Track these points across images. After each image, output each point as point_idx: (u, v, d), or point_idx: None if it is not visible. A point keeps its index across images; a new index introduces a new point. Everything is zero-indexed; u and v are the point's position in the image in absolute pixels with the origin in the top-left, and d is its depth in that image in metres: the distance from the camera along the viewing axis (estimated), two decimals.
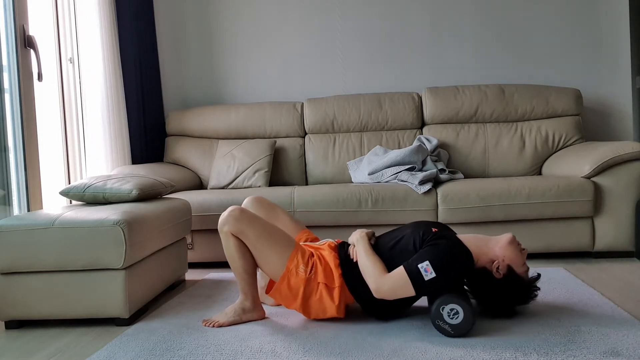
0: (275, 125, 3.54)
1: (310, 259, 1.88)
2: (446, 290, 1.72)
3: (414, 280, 1.69)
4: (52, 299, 1.96)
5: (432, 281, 1.68)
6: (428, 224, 1.88)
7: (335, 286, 1.84)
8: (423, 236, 1.79)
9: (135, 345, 1.75)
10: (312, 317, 1.91)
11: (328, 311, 1.85)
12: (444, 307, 1.69)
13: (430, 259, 1.69)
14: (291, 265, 1.85)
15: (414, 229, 1.85)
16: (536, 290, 1.83)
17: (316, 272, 1.85)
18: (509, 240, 1.80)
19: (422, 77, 3.73)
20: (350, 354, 1.61)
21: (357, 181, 3.22)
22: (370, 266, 1.78)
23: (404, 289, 1.72)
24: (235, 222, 1.86)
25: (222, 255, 2.91)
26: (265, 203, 2.18)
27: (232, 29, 3.83)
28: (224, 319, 1.91)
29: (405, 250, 1.79)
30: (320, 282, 1.84)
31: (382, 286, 1.73)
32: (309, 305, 1.86)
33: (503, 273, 1.76)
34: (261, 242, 1.86)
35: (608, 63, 3.63)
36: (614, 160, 2.73)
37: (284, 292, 1.86)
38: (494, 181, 2.88)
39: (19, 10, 2.53)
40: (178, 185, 3.13)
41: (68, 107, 3.07)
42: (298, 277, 1.84)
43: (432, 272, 1.67)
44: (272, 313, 2.04)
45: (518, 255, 1.79)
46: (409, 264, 1.72)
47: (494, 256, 1.78)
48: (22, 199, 2.58)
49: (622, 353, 1.54)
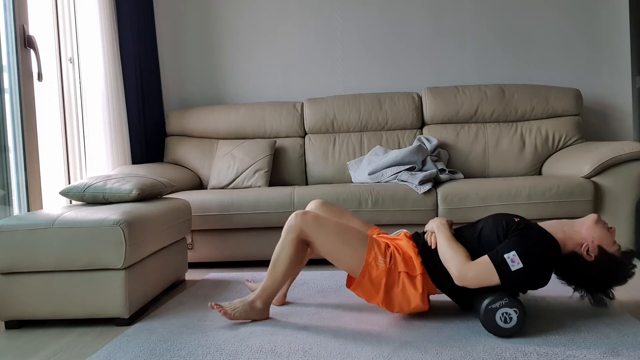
0: (275, 125, 3.54)
1: (387, 249, 1.85)
2: (534, 282, 1.69)
3: (500, 270, 1.65)
4: (52, 299, 1.96)
5: (519, 272, 1.64)
6: (509, 215, 1.84)
7: (417, 274, 1.80)
8: (507, 226, 1.75)
9: (135, 345, 1.75)
10: (396, 311, 1.85)
11: (412, 301, 1.80)
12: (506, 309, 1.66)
13: (517, 248, 1.65)
14: (370, 258, 1.81)
15: (496, 220, 1.81)
16: (633, 268, 1.73)
17: (396, 262, 1.81)
18: (595, 220, 1.75)
19: (422, 77, 3.73)
20: (350, 354, 1.61)
21: (357, 181, 3.22)
22: (452, 253, 1.74)
23: (489, 279, 1.67)
24: (308, 227, 1.82)
25: (222, 255, 2.94)
26: (332, 205, 2.14)
27: (232, 28, 3.83)
28: (232, 314, 1.89)
29: (488, 240, 1.76)
30: (401, 272, 1.80)
31: (466, 274, 1.69)
32: (392, 297, 1.82)
33: (595, 254, 1.71)
34: (336, 242, 1.83)
35: (608, 63, 3.63)
36: (614, 160, 2.73)
37: (366, 287, 1.82)
38: (494, 181, 2.88)
39: (19, 10, 2.53)
40: (178, 185, 3.13)
41: (68, 107, 3.07)
42: (379, 269, 1.80)
43: (519, 263, 1.63)
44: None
45: (607, 234, 1.74)
46: (495, 253, 1.68)
47: (581, 239, 1.73)
48: (22, 199, 2.58)
49: (622, 353, 1.54)
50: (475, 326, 1.80)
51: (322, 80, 3.80)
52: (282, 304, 2.13)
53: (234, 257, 2.95)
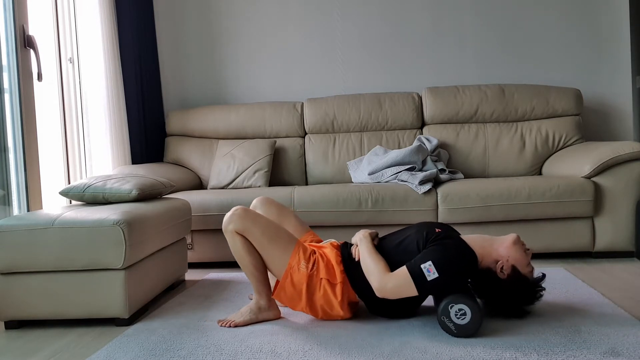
0: (275, 125, 3.54)
1: (312, 255, 1.89)
2: (450, 291, 1.71)
3: (417, 280, 1.69)
4: (52, 299, 1.96)
5: (435, 281, 1.67)
6: (432, 224, 1.88)
7: (337, 282, 1.84)
8: (427, 236, 1.79)
9: (135, 345, 1.75)
10: (321, 317, 1.90)
11: (334, 308, 1.85)
12: (453, 305, 1.68)
13: (433, 259, 1.69)
14: (293, 261, 1.85)
15: (418, 230, 1.85)
16: (541, 291, 1.82)
17: (318, 268, 1.85)
18: (513, 240, 1.79)
19: (422, 77, 3.73)
20: (350, 354, 1.61)
21: (357, 181, 3.22)
22: (372, 265, 1.78)
23: (407, 289, 1.71)
24: (239, 221, 1.86)
25: (222, 255, 2.94)
26: (274, 203, 2.18)
27: (232, 28, 3.83)
28: (240, 319, 1.91)
29: (408, 251, 1.79)
30: (322, 278, 1.84)
31: (385, 286, 1.73)
32: (314, 302, 1.86)
33: (507, 273, 1.76)
34: (265, 240, 1.87)
35: (608, 63, 3.63)
36: (614, 160, 2.73)
37: (289, 290, 1.86)
38: (494, 181, 2.88)
39: (19, 10, 2.52)
40: (178, 185, 3.13)
41: (68, 107, 3.07)
42: (300, 273, 1.84)
43: (435, 273, 1.67)
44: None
45: (523, 255, 1.78)
46: (412, 264, 1.71)
47: (498, 256, 1.78)
48: (22, 199, 2.58)
49: (622, 353, 1.54)
50: None
51: (322, 80, 3.80)
52: None
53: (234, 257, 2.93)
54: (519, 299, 1.82)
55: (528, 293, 1.81)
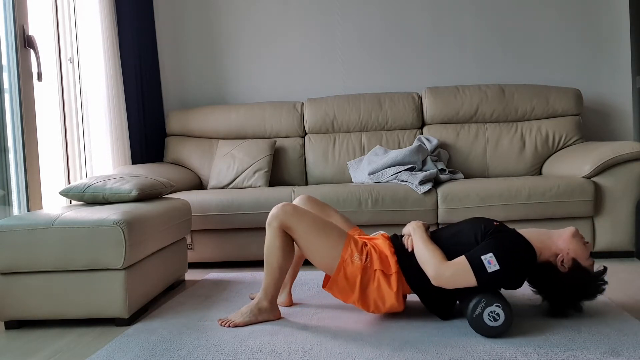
0: (275, 125, 3.54)
1: (364, 247, 1.86)
2: (510, 284, 1.70)
3: (477, 270, 1.66)
4: (52, 299, 1.96)
5: (496, 274, 1.65)
6: (488, 219, 1.86)
7: (392, 272, 1.81)
8: (485, 229, 1.77)
9: (135, 345, 1.75)
10: (372, 310, 1.86)
11: (387, 300, 1.81)
12: (489, 307, 1.67)
13: (495, 251, 1.66)
14: (346, 254, 1.82)
15: (474, 223, 1.83)
16: (603, 284, 1.77)
17: (372, 260, 1.82)
18: (572, 233, 1.77)
19: (422, 77, 3.73)
20: (350, 354, 1.61)
21: (357, 181, 3.22)
22: (428, 254, 1.75)
23: (465, 279, 1.68)
24: (287, 217, 1.84)
25: (222, 255, 2.94)
26: (316, 201, 2.16)
27: (232, 28, 3.83)
28: (240, 319, 1.90)
29: (466, 242, 1.77)
30: (377, 270, 1.81)
31: (443, 274, 1.70)
32: (367, 295, 1.83)
33: (568, 266, 1.73)
34: (313, 235, 1.84)
35: (608, 63, 3.63)
36: (614, 160, 2.73)
37: (341, 284, 1.83)
38: (494, 181, 2.88)
39: (19, 10, 2.52)
40: (178, 185, 3.13)
41: (68, 107, 3.07)
42: (354, 266, 1.80)
43: (496, 265, 1.64)
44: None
45: (583, 248, 1.75)
46: (471, 254, 1.69)
47: (557, 250, 1.75)
48: (22, 199, 2.58)
49: (622, 353, 1.54)
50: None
51: (322, 80, 3.80)
52: (289, 305, 2.12)
53: (234, 257, 2.95)
54: (581, 293, 1.79)
55: (590, 286, 1.77)
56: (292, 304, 2.13)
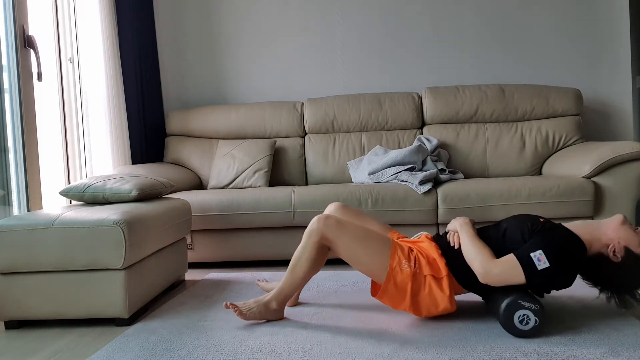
0: (275, 125, 3.54)
1: (411, 253, 1.83)
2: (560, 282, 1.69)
3: (526, 268, 1.64)
4: (52, 299, 1.96)
5: (546, 271, 1.63)
6: (534, 215, 1.84)
7: (442, 276, 1.78)
8: (532, 226, 1.74)
9: (135, 345, 1.75)
10: (424, 315, 1.83)
11: (440, 304, 1.79)
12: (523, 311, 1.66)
13: (544, 248, 1.64)
14: (394, 263, 1.78)
15: (520, 220, 1.81)
16: None
17: (420, 266, 1.79)
18: (621, 221, 1.74)
19: (422, 77, 3.73)
20: (350, 354, 1.61)
21: (357, 181, 3.22)
22: (476, 251, 1.73)
23: (514, 277, 1.66)
24: (330, 231, 1.80)
25: (222, 255, 2.94)
26: (351, 209, 2.13)
27: (232, 28, 3.83)
28: (248, 315, 1.88)
29: (513, 240, 1.75)
30: (427, 275, 1.78)
31: (491, 271, 1.68)
32: (419, 301, 1.80)
33: (621, 255, 1.70)
34: (358, 246, 1.81)
35: (608, 63, 3.63)
36: (614, 160, 2.73)
37: (392, 292, 1.80)
38: (494, 181, 2.88)
39: (19, 10, 2.52)
40: (178, 185, 3.13)
41: (68, 107, 3.07)
42: (403, 274, 1.78)
43: (546, 262, 1.62)
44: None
45: (633, 235, 1.72)
46: (520, 252, 1.67)
47: (608, 240, 1.72)
48: (22, 199, 2.58)
49: (622, 353, 1.54)
50: (476, 327, 1.80)
51: (322, 80, 3.80)
52: (294, 305, 2.12)
53: (234, 257, 2.95)
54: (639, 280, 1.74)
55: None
56: (297, 304, 2.14)
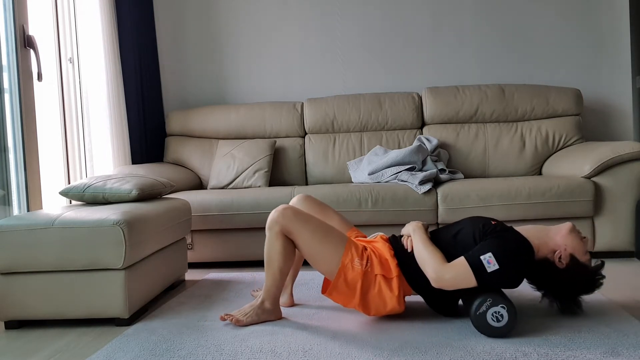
0: (275, 125, 3.54)
1: (364, 252, 1.85)
2: (510, 283, 1.70)
3: (476, 271, 1.66)
4: (52, 299, 1.96)
5: (495, 273, 1.65)
6: (486, 218, 1.86)
7: (392, 276, 1.81)
8: (483, 229, 1.77)
9: (135, 345, 1.75)
10: (373, 314, 1.86)
11: (388, 304, 1.81)
12: (494, 307, 1.67)
13: (494, 250, 1.67)
14: (346, 260, 1.81)
15: (473, 223, 1.83)
16: (601, 278, 1.78)
17: (372, 265, 1.82)
18: (569, 229, 1.77)
19: (422, 77, 3.73)
20: (350, 354, 1.61)
21: (357, 181, 3.22)
22: (428, 256, 1.75)
23: (466, 280, 1.69)
24: (287, 222, 1.82)
25: (222, 255, 2.94)
26: (315, 201, 2.14)
27: (232, 28, 3.83)
28: (243, 319, 1.89)
29: (465, 242, 1.77)
30: (377, 274, 1.81)
31: (443, 276, 1.70)
32: (368, 300, 1.82)
33: (566, 262, 1.73)
34: (314, 240, 1.83)
35: (608, 63, 3.63)
36: (614, 160, 2.73)
37: (342, 289, 1.82)
38: (494, 181, 2.88)
39: (19, 10, 2.52)
40: (178, 185, 3.13)
41: (68, 107, 3.07)
42: (354, 271, 1.80)
43: (495, 264, 1.65)
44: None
45: (580, 243, 1.76)
46: (471, 255, 1.69)
47: (555, 246, 1.76)
48: (22, 199, 2.58)
49: (622, 353, 1.54)
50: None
51: (322, 80, 3.80)
52: (291, 305, 2.12)
53: (234, 257, 2.95)
54: (580, 288, 1.79)
55: (589, 281, 1.78)
56: (293, 304, 2.13)
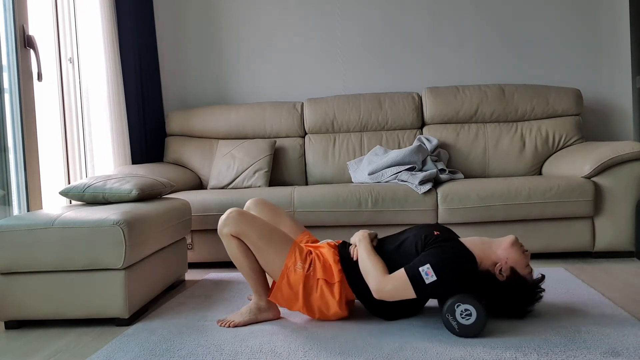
0: (275, 125, 3.54)
1: (309, 256, 1.89)
2: (449, 294, 1.71)
3: (415, 283, 1.69)
4: (52, 299, 1.96)
5: (433, 284, 1.67)
6: (431, 227, 1.88)
7: (334, 282, 1.84)
8: (425, 239, 1.79)
9: (135, 345, 1.75)
10: (317, 317, 1.90)
11: (331, 308, 1.85)
12: (459, 305, 1.68)
13: (432, 262, 1.69)
14: (289, 262, 1.85)
15: (417, 233, 1.85)
16: (541, 292, 1.82)
17: (315, 269, 1.85)
18: (511, 242, 1.79)
19: (422, 77, 3.73)
20: (350, 354, 1.61)
21: (357, 181, 3.22)
22: (371, 267, 1.78)
23: (405, 291, 1.71)
24: (234, 224, 1.86)
25: (222, 255, 2.94)
26: (267, 204, 2.18)
27: (232, 28, 3.83)
28: (239, 319, 1.91)
29: (407, 253, 1.79)
30: (319, 279, 1.84)
31: (383, 288, 1.73)
32: (311, 303, 1.86)
33: (506, 275, 1.75)
34: (261, 242, 1.86)
35: (608, 63, 3.63)
36: (614, 160, 2.73)
37: (285, 291, 1.86)
38: (494, 181, 2.88)
39: (19, 10, 2.52)
40: (178, 185, 3.13)
41: (68, 107, 3.07)
42: (296, 274, 1.84)
43: (433, 276, 1.67)
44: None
45: (521, 256, 1.77)
46: (410, 267, 1.71)
47: (497, 258, 1.77)
48: (22, 199, 2.58)
49: (622, 353, 1.54)
50: None
51: (322, 80, 3.80)
52: None
53: None
54: (519, 300, 1.81)
55: (528, 294, 1.80)
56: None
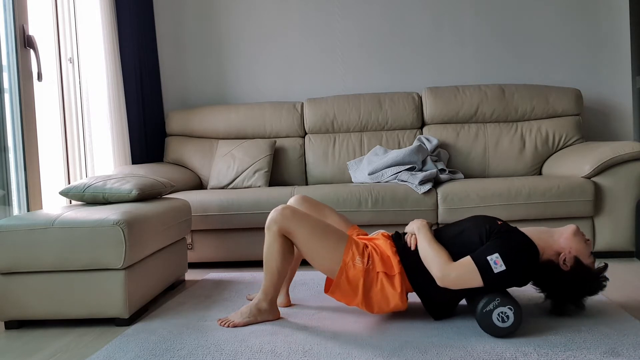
0: (275, 125, 3.54)
1: (365, 250, 1.85)
2: (515, 284, 1.71)
3: (483, 271, 1.66)
4: (52, 299, 1.96)
5: (502, 274, 1.65)
6: (492, 217, 1.86)
7: (395, 273, 1.80)
8: (490, 229, 1.77)
9: (135, 345, 1.75)
10: (376, 311, 1.85)
11: (391, 301, 1.81)
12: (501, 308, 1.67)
13: (500, 251, 1.67)
14: (347, 258, 1.81)
15: (478, 222, 1.83)
16: (605, 281, 1.79)
17: (374, 262, 1.81)
18: (573, 232, 1.78)
19: (422, 77, 3.73)
20: (350, 354, 1.61)
21: (357, 181, 3.22)
22: (434, 254, 1.75)
23: (470, 280, 1.69)
24: (286, 221, 1.82)
25: (222, 255, 2.94)
26: (312, 201, 2.13)
27: (232, 28, 3.83)
28: (239, 319, 1.90)
29: (470, 242, 1.77)
30: (379, 272, 1.81)
31: (449, 274, 1.70)
32: (371, 297, 1.82)
33: (570, 265, 1.74)
34: (314, 239, 1.82)
35: (608, 63, 3.63)
36: (614, 160, 2.73)
37: (344, 287, 1.82)
38: (494, 181, 2.88)
39: (18, 10, 2.52)
40: (178, 185, 3.13)
41: (68, 107, 3.07)
42: (356, 269, 1.80)
43: (502, 265, 1.65)
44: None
45: (584, 246, 1.77)
46: (477, 255, 1.69)
47: (559, 248, 1.76)
48: (22, 199, 2.58)
49: (622, 353, 1.54)
50: (476, 327, 1.80)
51: (322, 80, 3.80)
52: (287, 305, 2.12)
53: (234, 257, 2.95)
54: (583, 290, 1.80)
55: (592, 283, 1.78)
56: (290, 305, 2.13)
